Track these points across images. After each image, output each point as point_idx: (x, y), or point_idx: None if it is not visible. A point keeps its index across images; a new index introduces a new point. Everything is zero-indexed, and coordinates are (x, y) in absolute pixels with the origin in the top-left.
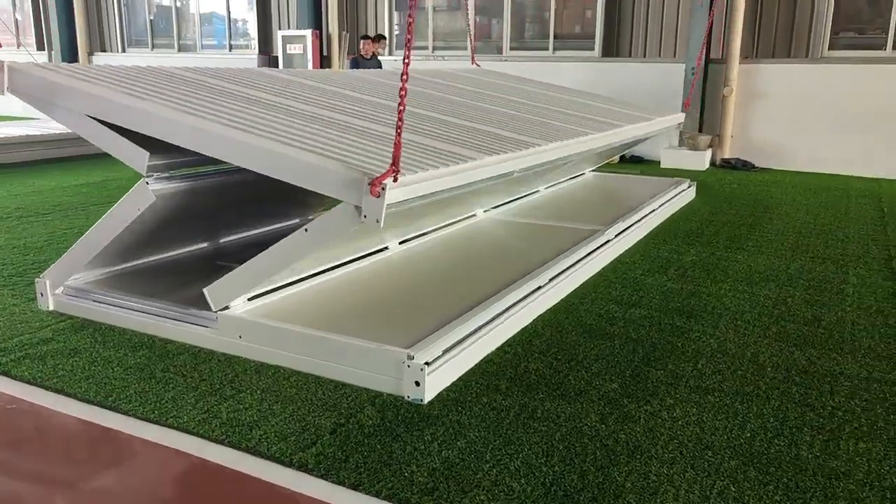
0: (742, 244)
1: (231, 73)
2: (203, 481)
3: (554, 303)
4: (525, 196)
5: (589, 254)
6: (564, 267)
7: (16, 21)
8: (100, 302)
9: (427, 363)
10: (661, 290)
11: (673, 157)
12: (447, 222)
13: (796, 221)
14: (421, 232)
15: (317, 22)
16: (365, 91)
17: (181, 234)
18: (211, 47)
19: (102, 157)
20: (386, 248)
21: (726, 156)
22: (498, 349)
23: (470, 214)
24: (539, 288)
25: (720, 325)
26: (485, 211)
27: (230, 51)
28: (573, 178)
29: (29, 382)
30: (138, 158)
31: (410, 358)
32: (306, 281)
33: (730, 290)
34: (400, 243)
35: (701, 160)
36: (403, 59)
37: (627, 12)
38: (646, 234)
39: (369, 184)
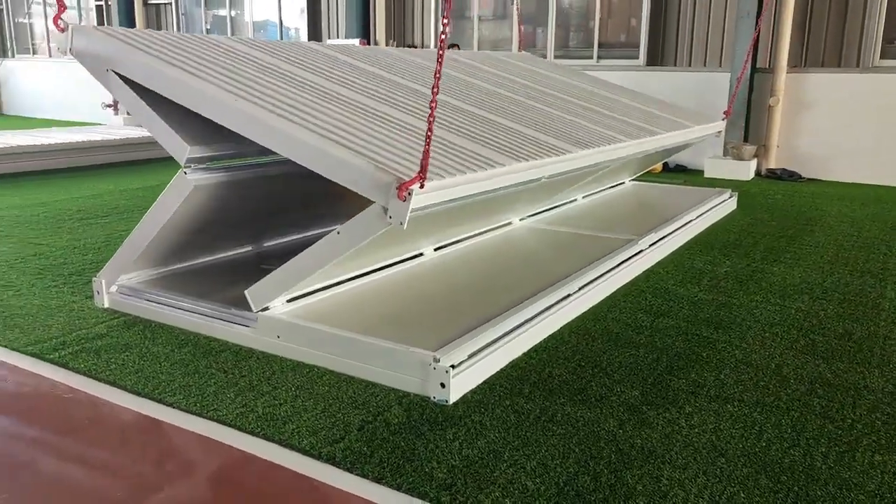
0: (779, 256)
1: (286, 49)
2: (238, 470)
3: (582, 311)
4: (562, 205)
5: (621, 263)
6: (594, 276)
7: None
8: (150, 301)
9: (452, 366)
10: (691, 300)
11: (717, 167)
12: (482, 230)
13: (839, 234)
14: (456, 239)
15: (365, 31)
16: (417, 79)
17: (226, 233)
18: None
19: (158, 162)
20: (421, 254)
21: (772, 166)
22: (523, 354)
23: (506, 222)
24: (568, 296)
25: (747, 337)
26: (521, 219)
27: None
28: (612, 186)
29: (85, 374)
30: (179, 149)
31: (436, 360)
32: (343, 285)
33: (762, 302)
34: (435, 250)
35: (746, 170)
36: (435, 74)
37: (673, 21)
38: (681, 244)
39: (397, 188)
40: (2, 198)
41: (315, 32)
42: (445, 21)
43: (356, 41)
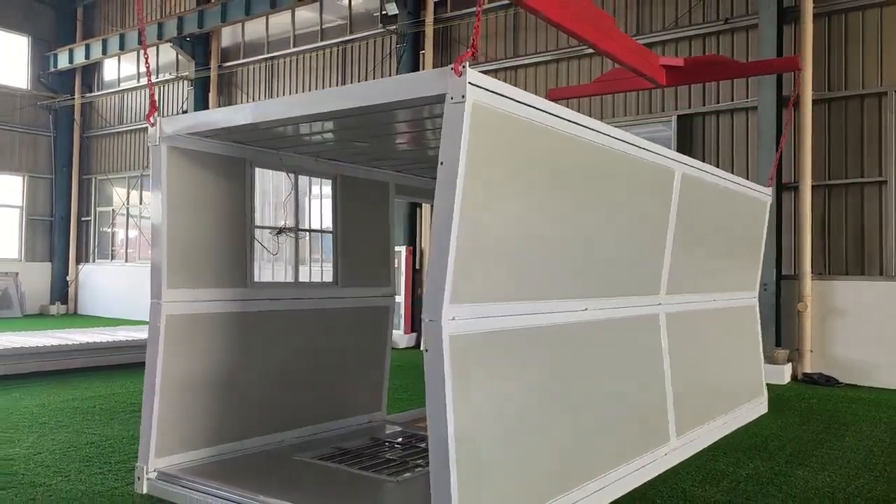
0: (805, 460)
1: None
2: None
3: None
4: (699, 302)
5: (643, 466)
6: (612, 481)
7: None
8: (183, 486)
9: None
10: (707, 503)
11: None
12: (634, 295)
13: (870, 439)
14: (608, 296)
15: (412, 239)
16: None
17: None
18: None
19: None
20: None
21: (807, 370)
22: None
23: (654, 303)
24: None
25: None
26: (667, 294)
27: None
28: (738, 299)
29: None
30: (157, 288)
31: None
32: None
33: None
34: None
35: (780, 374)
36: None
37: None
38: (706, 445)
39: (451, 68)
40: (66, 390)
41: None
42: None
43: (403, 248)
